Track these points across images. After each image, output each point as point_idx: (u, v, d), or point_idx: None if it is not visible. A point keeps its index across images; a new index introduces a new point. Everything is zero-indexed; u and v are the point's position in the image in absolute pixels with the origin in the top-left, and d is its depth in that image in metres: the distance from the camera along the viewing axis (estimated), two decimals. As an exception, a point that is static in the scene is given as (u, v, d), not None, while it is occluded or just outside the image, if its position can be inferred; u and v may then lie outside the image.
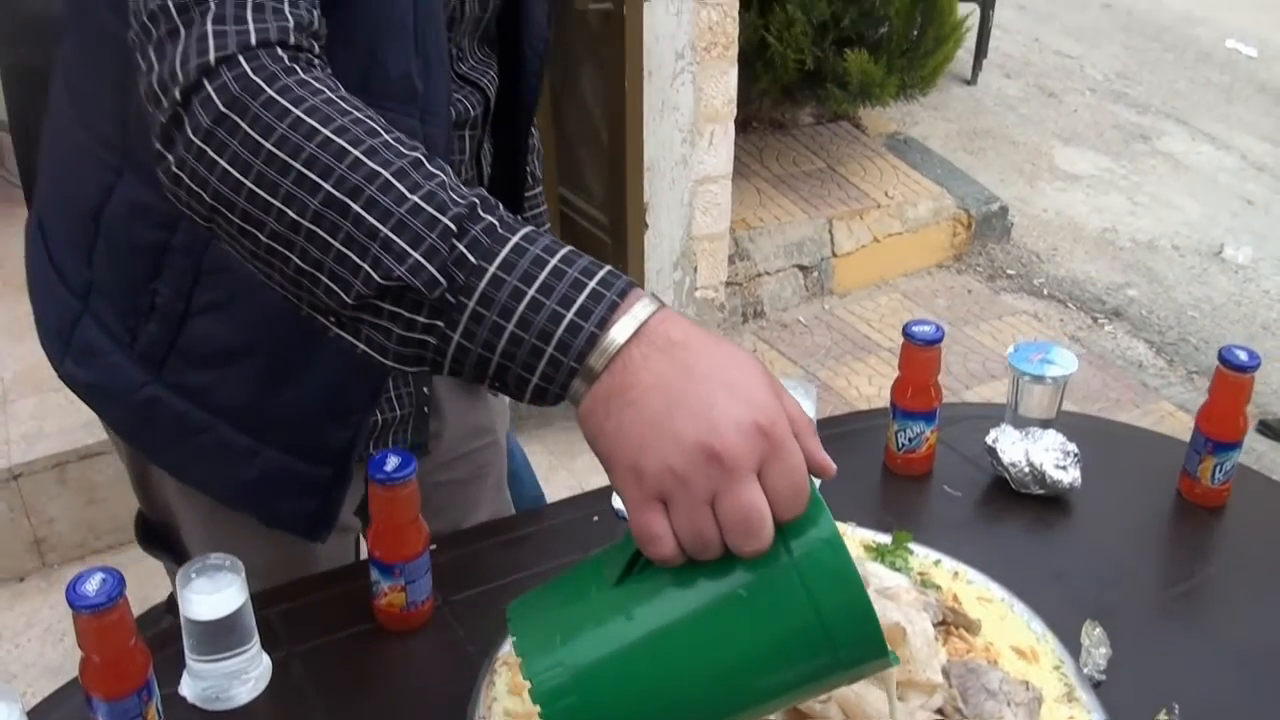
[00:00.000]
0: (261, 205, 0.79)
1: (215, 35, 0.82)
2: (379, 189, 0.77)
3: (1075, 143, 5.54)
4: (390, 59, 1.07)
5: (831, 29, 3.73)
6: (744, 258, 3.89)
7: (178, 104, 0.82)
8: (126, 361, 1.20)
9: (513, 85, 1.34)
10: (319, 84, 0.82)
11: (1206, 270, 4.56)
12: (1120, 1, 7.48)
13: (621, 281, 0.77)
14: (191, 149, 0.81)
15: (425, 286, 0.76)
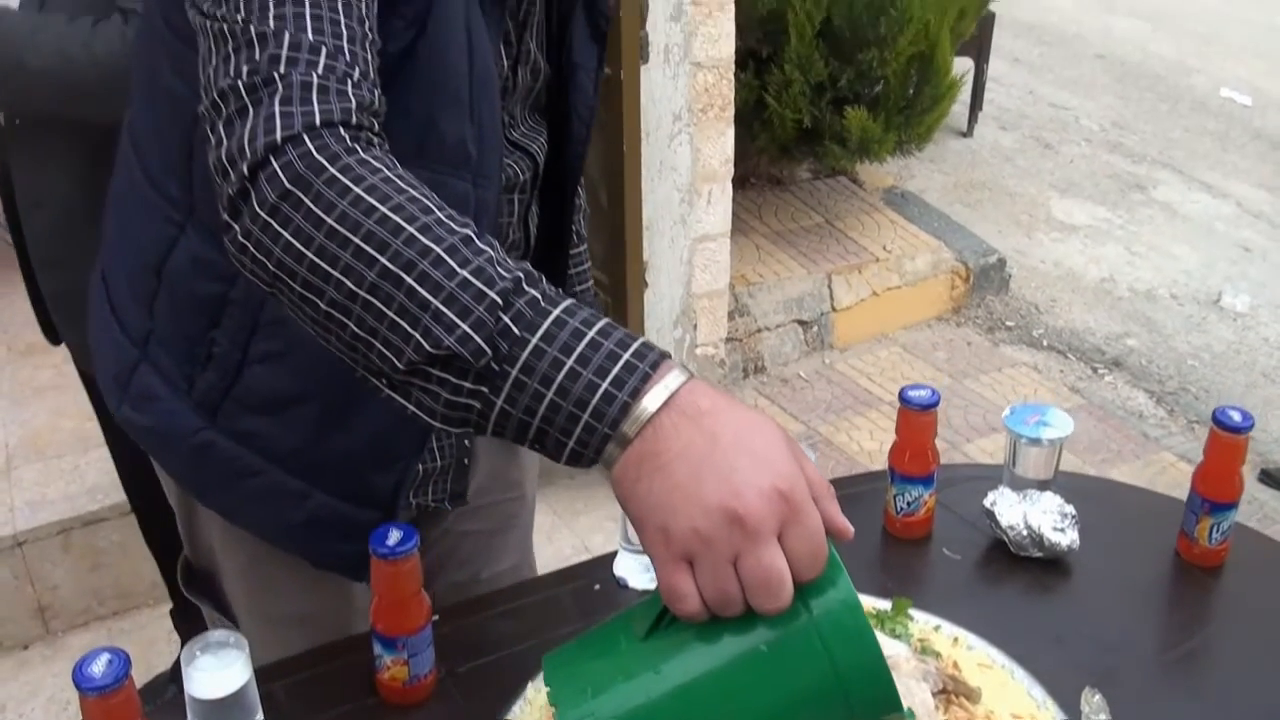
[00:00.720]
0: (322, 275, 0.84)
1: (282, 115, 0.88)
2: (431, 263, 0.82)
3: (1072, 193, 5.58)
4: (446, 127, 1.12)
5: (829, 88, 3.76)
6: (744, 313, 3.91)
7: (245, 178, 0.87)
8: (183, 407, 1.25)
9: (559, 150, 1.40)
10: (377, 162, 0.88)
11: (1205, 319, 4.58)
12: (1114, 52, 7.55)
13: (654, 353, 0.82)
14: (257, 221, 0.87)
15: (472, 355, 0.81)
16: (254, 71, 0.91)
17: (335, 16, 0.95)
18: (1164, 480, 3.47)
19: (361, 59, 0.95)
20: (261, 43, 0.92)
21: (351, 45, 0.95)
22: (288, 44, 0.92)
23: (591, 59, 1.37)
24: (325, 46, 0.93)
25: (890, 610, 1.26)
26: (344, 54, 0.94)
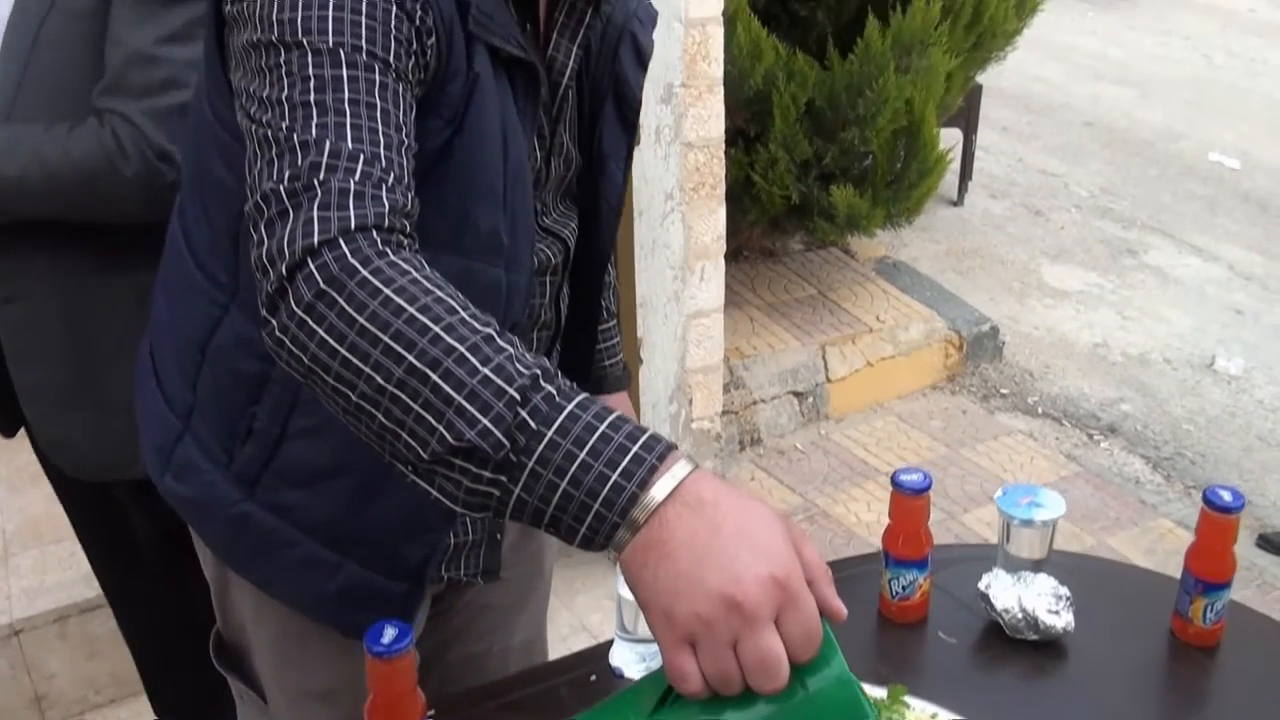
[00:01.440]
0: (353, 370, 0.90)
1: (320, 220, 0.95)
2: (455, 361, 0.88)
3: (1063, 259, 5.61)
4: (480, 218, 1.20)
5: (814, 165, 3.81)
6: (739, 386, 3.93)
7: (284, 278, 0.94)
8: (222, 479, 1.31)
9: (589, 234, 1.47)
10: (406, 264, 0.94)
11: (1200, 383, 4.59)
12: (1102, 119, 7.63)
13: (661, 445, 0.88)
14: (294, 319, 0.93)
15: (492, 449, 0.86)
16: (295, 177, 0.98)
17: (374, 125, 1.02)
18: (1163, 547, 3.47)
19: (397, 164, 1.02)
20: (304, 150, 0.99)
21: (388, 152, 1.01)
22: (328, 152, 0.98)
23: (621, 148, 1.44)
24: (363, 154, 0.99)
25: (886, 698, 1.26)
26: (380, 161, 1.00)
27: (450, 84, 1.15)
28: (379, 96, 1.04)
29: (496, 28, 1.17)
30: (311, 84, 1.02)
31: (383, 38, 1.06)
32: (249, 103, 1.07)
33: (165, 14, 1.52)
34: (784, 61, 3.64)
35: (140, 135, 1.50)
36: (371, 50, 1.05)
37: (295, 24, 1.04)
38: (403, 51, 1.08)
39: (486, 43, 1.17)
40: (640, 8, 1.42)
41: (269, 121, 1.02)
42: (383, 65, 1.05)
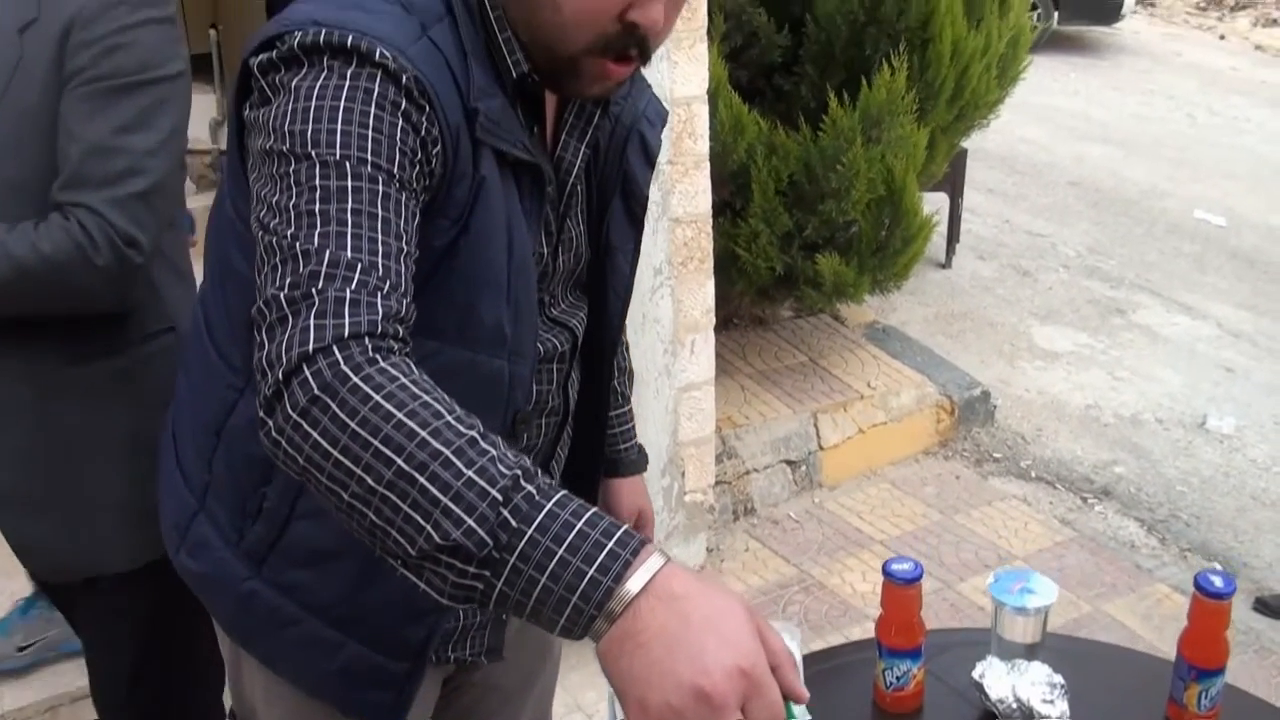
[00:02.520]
0: (345, 472, 0.95)
1: (316, 328, 1.00)
2: (441, 465, 0.93)
3: (1053, 320, 5.64)
4: (484, 311, 1.26)
5: (796, 237, 3.83)
6: (731, 456, 3.93)
7: (280, 383, 0.99)
8: (232, 557, 1.36)
9: (598, 322, 1.52)
10: (396, 370, 0.99)
11: (1192, 442, 4.60)
12: (1087, 179, 7.70)
13: (635, 541, 0.92)
14: (289, 422, 0.98)
15: (476, 547, 0.91)
16: (295, 285, 1.03)
17: (374, 235, 1.07)
18: (1159, 613, 3.45)
19: (394, 272, 1.07)
20: (305, 258, 1.05)
21: (386, 260, 1.07)
22: (327, 261, 1.04)
23: (629, 241, 1.49)
24: (361, 263, 1.05)
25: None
26: (377, 269, 1.06)
27: (457, 186, 1.20)
28: (381, 207, 1.09)
29: (503, 133, 1.22)
30: (317, 194, 1.08)
31: (388, 150, 1.11)
32: (259, 206, 1.13)
33: (117, 105, 1.54)
34: (765, 136, 3.68)
35: (106, 224, 1.51)
36: (376, 162, 1.10)
37: (306, 136, 1.10)
38: (407, 162, 1.13)
39: (493, 147, 1.21)
40: (649, 108, 1.46)
41: (276, 228, 1.08)
42: (386, 176, 1.11)
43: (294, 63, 1.16)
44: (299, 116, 1.11)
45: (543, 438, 1.49)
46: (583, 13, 1.18)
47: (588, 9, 1.18)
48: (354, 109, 1.11)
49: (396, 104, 1.13)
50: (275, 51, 1.17)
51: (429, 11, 1.22)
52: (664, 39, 1.27)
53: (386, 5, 1.20)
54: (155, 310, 1.71)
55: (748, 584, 3.55)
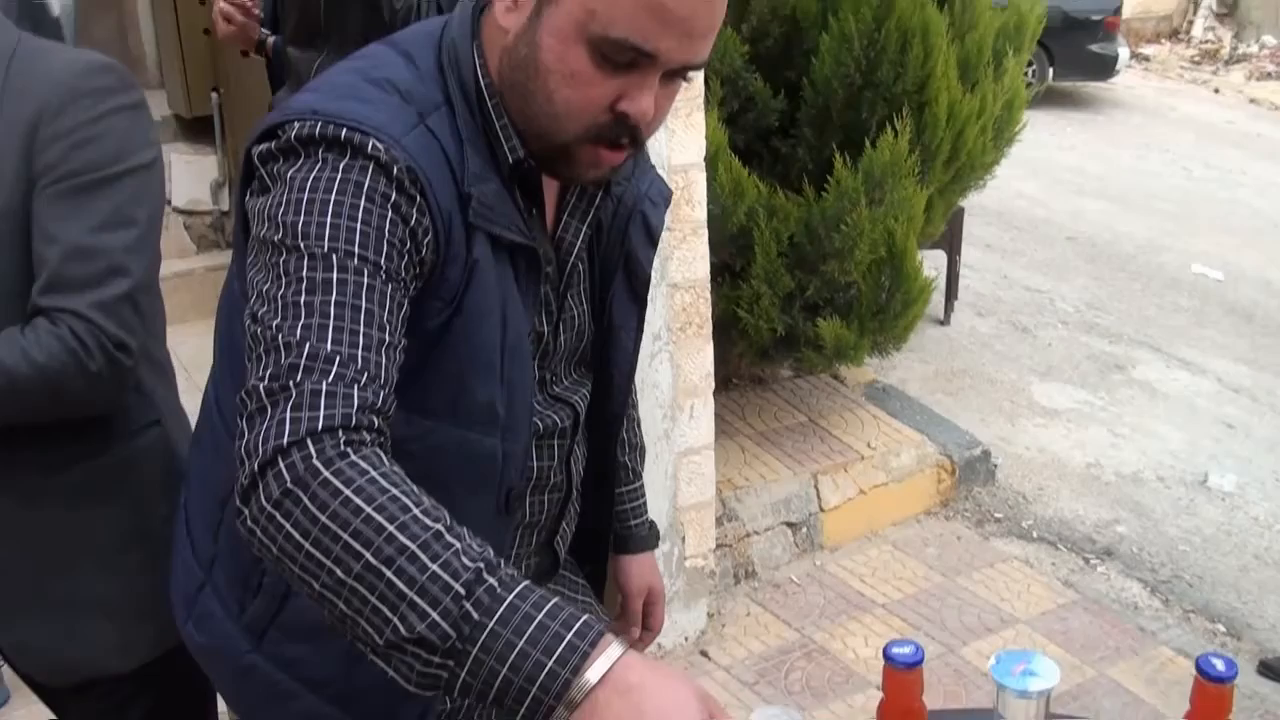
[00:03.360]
0: (316, 563, 1.00)
1: (291, 421, 1.04)
2: (407, 559, 0.98)
3: (1052, 377, 5.64)
4: (477, 390, 1.27)
5: (798, 297, 3.85)
6: (732, 518, 3.92)
7: (255, 474, 1.03)
8: (235, 630, 1.38)
9: (602, 398, 1.52)
10: (366, 463, 1.03)
11: (1194, 500, 4.59)
12: (1084, 234, 7.74)
13: (593, 632, 0.97)
14: (263, 513, 1.03)
15: (440, 639, 0.96)
16: (275, 376, 1.07)
17: (355, 327, 1.11)
18: (1163, 677, 3.43)
19: (373, 363, 1.10)
20: (286, 350, 1.08)
21: (365, 353, 1.10)
22: (306, 354, 1.08)
23: (631, 319, 1.50)
24: (339, 355, 1.08)
25: None
26: (356, 361, 1.09)
27: (450, 269, 1.22)
28: (365, 299, 1.12)
29: (497, 217, 1.24)
30: (304, 285, 1.11)
31: (375, 241, 1.14)
32: (252, 293, 1.17)
33: (92, 203, 1.48)
34: (765, 199, 3.70)
35: (95, 329, 1.45)
36: (363, 255, 1.13)
37: (296, 228, 1.14)
38: (394, 253, 1.16)
39: (486, 231, 1.23)
40: (652, 188, 1.47)
41: (263, 316, 1.12)
42: (373, 268, 1.13)
43: (291, 154, 1.19)
44: (291, 208, 1.15)
45: (545, 513, 1.49)
46: (574, 103, 1.20)
47: (579, 100, 1.19)
48: (344, 202, 1.14)
49: (386, 196, 1.16)
50: (274, 142, 1.21)
51: (427, 100, 1.24)
52: (658, 126, 1.28)
53: (384, 95, 1.23)
54: (139, 405, 1.65)
55: (749, 650, 3.53)
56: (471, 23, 1.29)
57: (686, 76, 1.24)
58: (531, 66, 1.20)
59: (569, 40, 1.17)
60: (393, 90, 1.23)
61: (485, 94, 1.26)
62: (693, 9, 1.15)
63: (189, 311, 5.76)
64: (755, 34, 3.72)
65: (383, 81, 1.24)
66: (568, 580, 1.66)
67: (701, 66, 1.24)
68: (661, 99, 1.23)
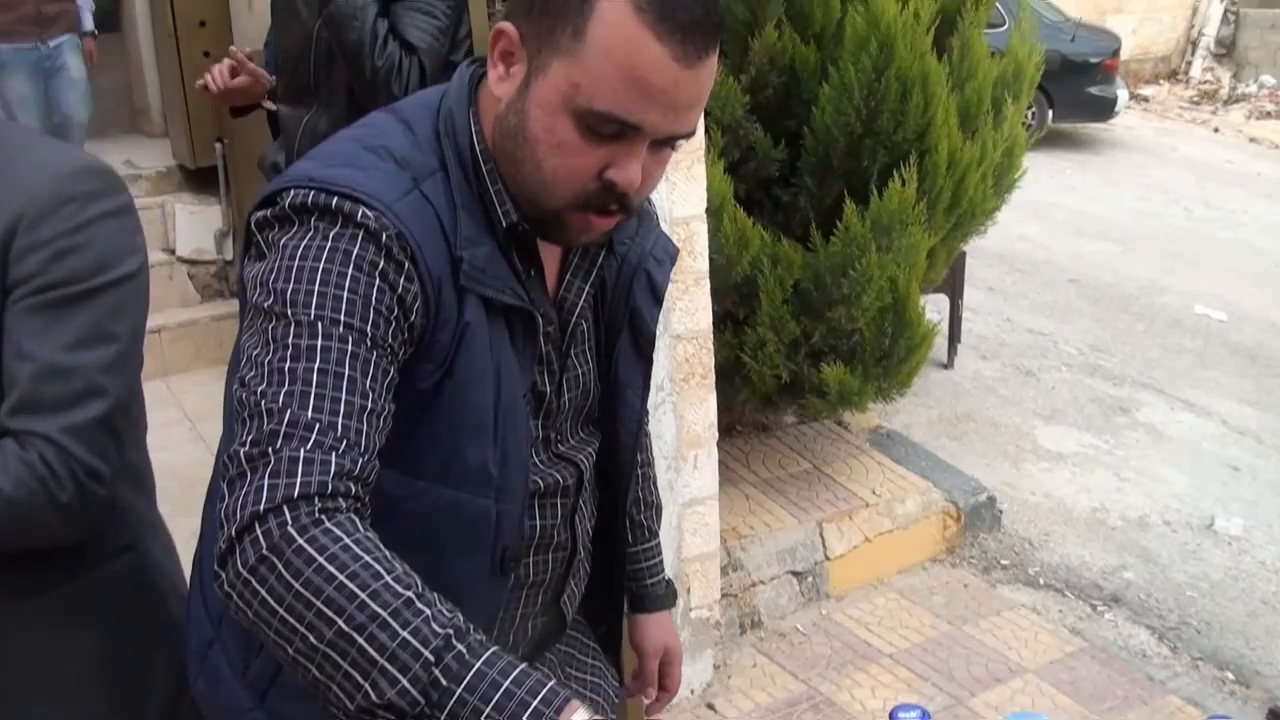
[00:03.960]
0: (290, 629, 1.03)
1: (269, 488, 1.07)
2: (378, 626, 1.01)
3: (1056, 420, 5.64)
4: (469, 452, 1.28)
5: (803, 344, 3.85)
6: (737, 567, 3.90)
7: (233, 539, 1.06)
8: (239, 687, 1.39)
9: (610, 456, 1.52)
10: (340, 530, 1.06)
11: (1200, 545, 4.57)
12: (1086, 276, 7.75)
13: (559, 698, 1.01)
14: (240, 579, 1.05)
15: (409, 705, 1.00)
16: (256, 442, 1.10)
17: (337, 395, 1.13)
18: (1173, 728, 3.41)
19: (353, 430, 1.12)
20: (268, 416, 1.11)
21: (346, 420, 1.12)
22: (287, 420, 1.10)
23: (637, 377, 1.51)
24: (319, 423, 1.11)
25: None
26: (335, 429, 1.11)
27: (441, 331, 1.23)
28: (349, 366, 1.14)
29: (489, 279, 1.26)
30: (289, 352, 1.14)
31: (362, 309, 1.16)
32: (243, 357, 1.19)
33: (71, 317, 1.36)
34: (769, 248, 3.71)
35: (67, 455, 1.34)
36: (349, 322, 1.15)
37: (286, 295, 1.16)
38: (381, 320, 1.18)
39: (478, 293, 1.25)
40: (657, 246, 1.48)
41: (250, 381, 1.14)
42: (358, 335, 1.15)
43: (285, 222, 1.22)
44: (282, 275, 1.17)
45: (550, 572, 1.48)
46: (562, 172, 1.22)
47: (566, 169, 1.21)
48: (332, 270, 1.17)
49: (375, 264, 1.18)
50: (271, 209, 1.23)
51: (423, 166, 1.26)
52: (649, 191, 1.30)
53: (380, 161, 1.25)
54: (112, 529, 1.53)
55: (756, 702, 3.51)
56: (468, 90, 1.31)
57: (674, 145, 1.25)
58: (521, 135, 1.23)
59: (555, 111, 1.19)
60: (388, 157, 1.26)
61: (480, 159, 1.28)
62: (675, 83, 1.16)
63: (193, 361, 5.78)
64: (754, 84, 3.74)
65: (379, 149, 1.26)
66: (578, 642, 1.65)
67: (689, 135, 1.25)
68: (651, 166, 1.24)
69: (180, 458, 4.51)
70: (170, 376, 5.66)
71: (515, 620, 1.47)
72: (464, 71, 1.34)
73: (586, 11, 1.15)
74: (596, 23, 1.15)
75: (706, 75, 1.20)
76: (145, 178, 6.48)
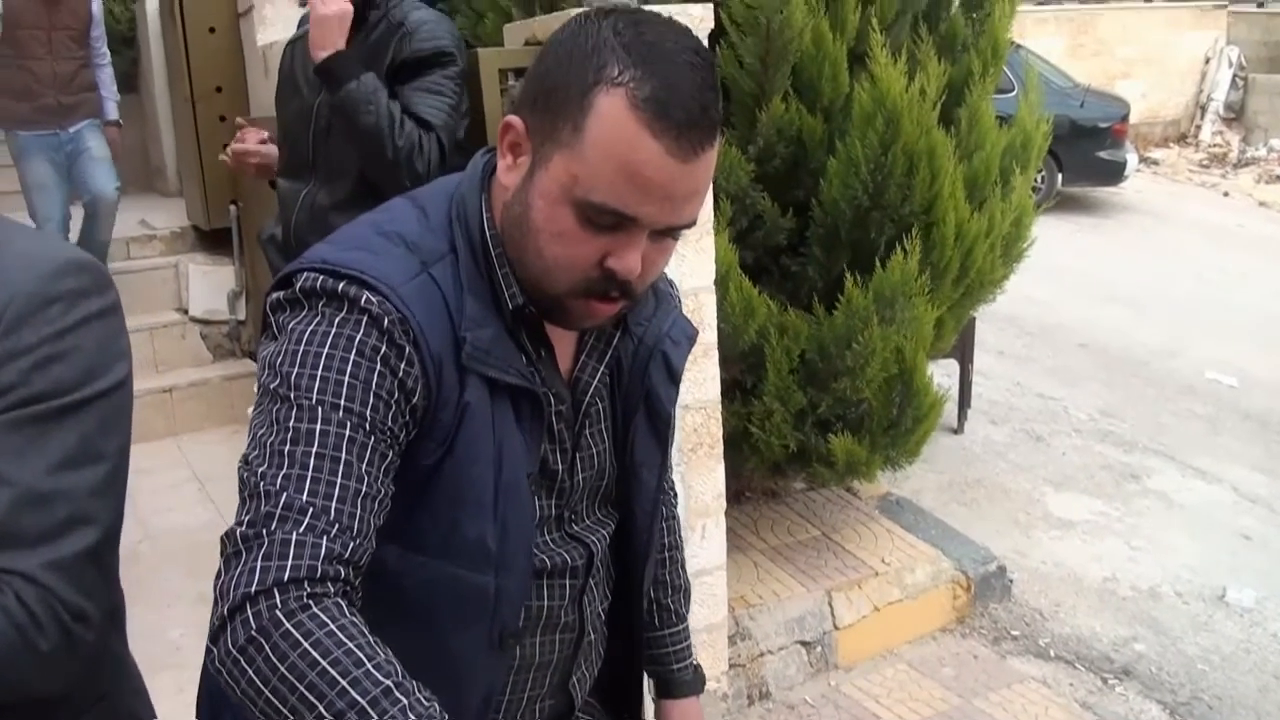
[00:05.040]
0: (274, 709, 1.06)
1: (261, 570, 1.10)
2: (357, 714, 1.04)
3: (1067, 487, 5.62)
4: (467, 528, 1.30)
5: (810, 413, 3.85)
6: (745, 637, 3.88)
7: (225, 617, 1.09)
8: None
9: (625, 537, 1.52)
10: (326, 615, 1.09)
11: (1212, 617, 4.53)
12: (1097, 339, 7.75)
13: None
14: (229, 656, 1.08)
15: None
16: (252, 523, 1.13)
17: (332, 478, 1.16)
18: (1186, 806, 3.37)
19: (346, 514, 1.15)
20: (266, 498, 1.14)
21: (339, 504, 1.15)
22: (282, 503, 1.13)
23: (654, 457, 1.51)
24: (313, 507, 1.14)
25: None
26: (328, 513, 1.14)
27: (442, 411, 1.26)
28: (346, 450, 1.17)
29: (493, 360, 1.28)
30: (289, 435, 1.17)
31: (362, 394, 1.20)
32: (249, 434, 1.22)
33: (55, 433, 1.20)
34: (776, 318, 3.72)
35: (50, 596, 1.17)
36: (349, 407, 1.19)
37: (290, 378, 1.20)
38: (381, 405, 1.21)
39: (480, 373, 1.27)
40: (674, 328, 1.50)
41: (252, 461, 1.18)
42: (356, 420, 1.19)
43: (295, 305, 1.26)
44: (288, 359, 1.21)
45: (556, 654, 1.48)
46: (563, 260, 1.24)
47: (567, 257, 1.24)
48: (335, 355, 1.20)
49: (376, 349, 1.21)
50: (284, 292, 1.27)
51: (433, 250, 1.30)
52: (651, 279, 1.31)
53: (391, 245, 1.29)
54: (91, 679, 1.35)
55: (762, 775, 3.48)
56: (481, 177, 1.35)
57: (675, 235, 1.27)
58: (525, 223, 1.26)
59: (556, 202, 1.22)
60: (400, 242, 1.29)
61: (490, 244, 1.31)
62: (670, 177, 1.18)
63: (204, 420, 5.81)
64: (762, 154, 3.77)
65: (393, 234, 1.30)
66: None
67: (690, 225, 1.26)
68: (654, 254, 1.26)
69: (189, 519, 4.51)
70: (181, 436, 5.68)
71: (522, 703, 1.46)
72: (478, 159, 1.38)
73: (586, 108, 1.18)
74: (594, 119, 1.18)
75: (703, 169, 1.22)
76: (160, 237, 6.55)
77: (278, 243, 3.01)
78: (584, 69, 1.19)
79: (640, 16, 1.23)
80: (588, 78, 1.18)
